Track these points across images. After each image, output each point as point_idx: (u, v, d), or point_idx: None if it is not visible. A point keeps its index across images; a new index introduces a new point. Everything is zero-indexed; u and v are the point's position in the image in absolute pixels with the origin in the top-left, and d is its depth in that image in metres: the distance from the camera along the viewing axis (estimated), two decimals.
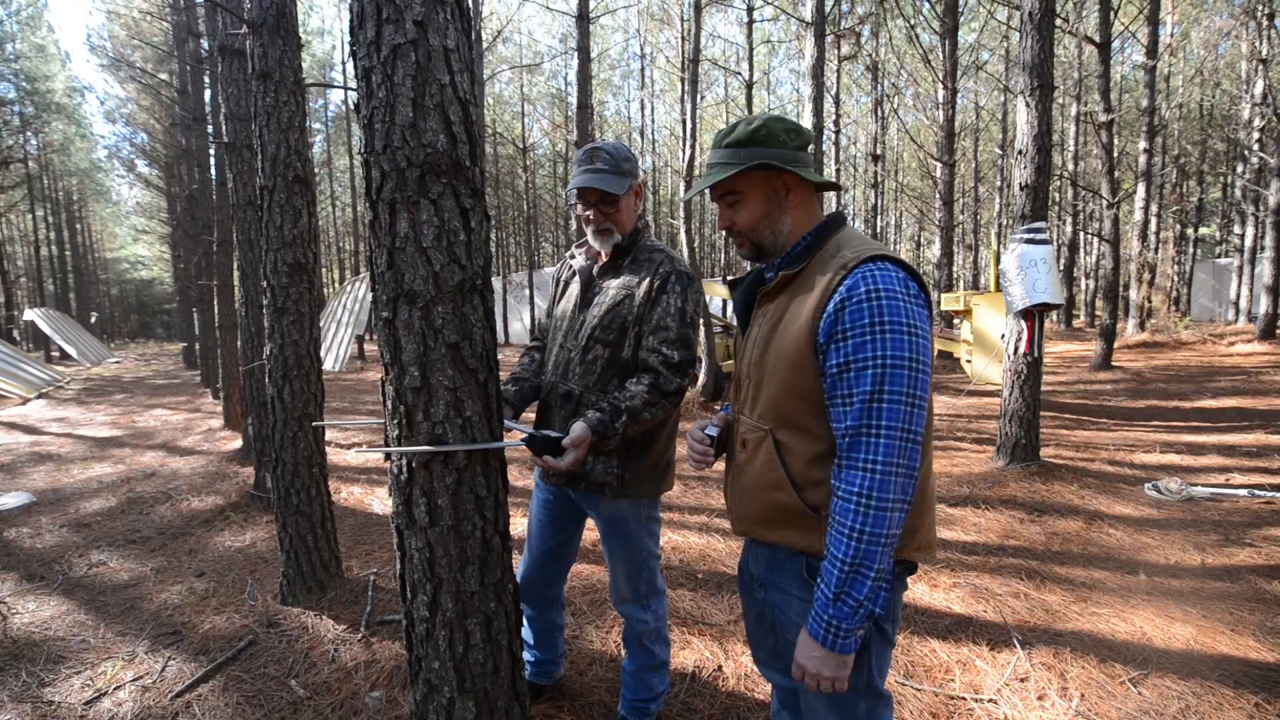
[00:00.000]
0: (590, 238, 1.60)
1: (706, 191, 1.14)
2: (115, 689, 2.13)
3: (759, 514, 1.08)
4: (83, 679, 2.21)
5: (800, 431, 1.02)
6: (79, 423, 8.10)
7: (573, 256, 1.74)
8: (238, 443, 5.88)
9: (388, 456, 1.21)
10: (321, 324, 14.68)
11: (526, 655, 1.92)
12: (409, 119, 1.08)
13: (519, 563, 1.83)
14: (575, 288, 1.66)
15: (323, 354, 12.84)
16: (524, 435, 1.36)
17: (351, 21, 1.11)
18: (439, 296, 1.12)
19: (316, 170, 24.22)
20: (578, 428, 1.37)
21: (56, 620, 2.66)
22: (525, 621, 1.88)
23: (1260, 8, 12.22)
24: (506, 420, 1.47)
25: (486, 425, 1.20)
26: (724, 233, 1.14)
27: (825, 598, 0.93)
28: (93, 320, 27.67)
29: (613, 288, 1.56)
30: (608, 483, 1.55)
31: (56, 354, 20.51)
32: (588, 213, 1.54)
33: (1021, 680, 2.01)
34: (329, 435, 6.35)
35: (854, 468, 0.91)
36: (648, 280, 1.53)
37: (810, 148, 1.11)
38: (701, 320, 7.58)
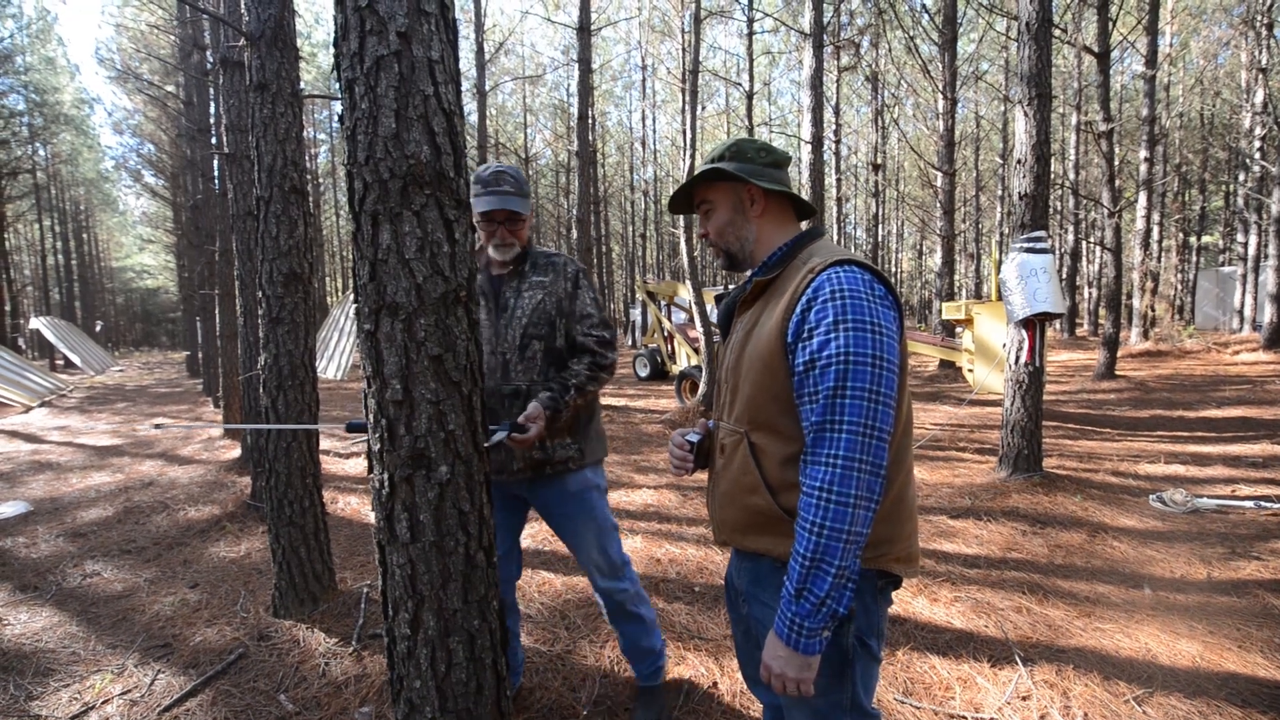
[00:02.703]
0: (492, 251, 1.75)
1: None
2: (103, 702, 2.10)
3: (736, 519, 1.09)
4: (71, 692, 2.18)
5: (774, 433, 1.02)
6: (80, 431, 8.11)
7: None
8: (237, 452, 5.87)
9: (368, 466, 1.19)
10: (324, 333, 14.65)
11: None
12: (392, 130, 1.07)
13: None
14: (482, 299, 1.80)
15: (325, 363, 12.86)
16: (502, 430, 1.50)
17: (335, 33, 1.11)
18: (421, 309, 1.11)
19: (321, 180, 24.43)
20: (532, 406, 1.58)
21: (48, 632, 2.64)
22: None
23: (1259, 17, 12.26)
24: None
25: (470, 438, 1.18)
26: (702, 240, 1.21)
27: (788, 594, 0.93)
28: (98, 328, 27.79)
29: (527, 291, 1.74)
30: (571, 457, 1.73)
31: (61, 362, 20.61)
32: (493, 229, 1.70)
33: (1023, 698, 1.97)
34: (325, 444, 6.34)
35: (817, 463, 0.91)
36: (560, 280, 1.75)
37: (786, 166, 1.16)
38: (704, 330, 7.58)
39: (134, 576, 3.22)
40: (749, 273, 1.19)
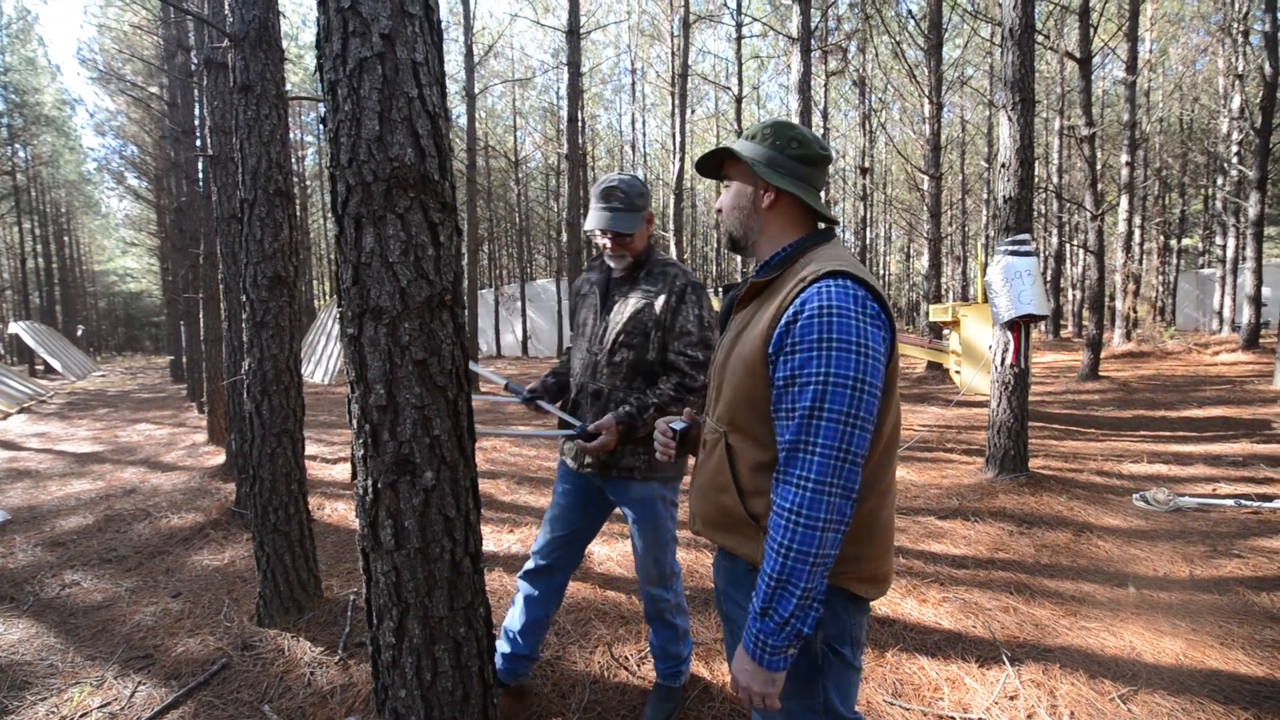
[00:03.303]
0: (608, 259, 1.81)
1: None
2: (81, 716, 2.06)
3: (708, 514, 1.10)
4: (48, 706, 2.13)
5: (749, 438, 1.02)
6: (60, 438, 7.95)
7: (590, 270, 1.95)
8: (221, 458, 5.78)
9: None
10: (310, 337, 14.51)
11: (505, 646, 1.93)
12: (375, 132, 1.06)
13: (533, 542, 1.96)
14: (595, 298, 1.86)
15: (312, 367, 12.73)
16: (576, 428, 1.67)
17: (318, 35, 1.10)
18: (406, 312, 1.10)
19: (308, 183, 24.20)
20: (606, 417, 1.66)
21: (24, 644, 2.58)
22: (522, 604, 1.92)
23: (1236, 25, 12.53)
24: (547, 405, 1.90)
25: (456, 444, 1.17)
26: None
27: (755, 611, 0.93)
28: (79, 333, 27.29)
29: (632, 298, 1.76)
30: (637, 466, 1.75)
31: (40, 367, 20.22)
32: (605, 243, 1.75)
33: (1011, 698, 1.98)
34: (312, 449, 6.26)
35: (788, 483, 0.91)
36: (665, 293, 1.73)
37: (823, 165, 1.07)
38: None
39: (114, 586, 3.15)
40: (749, 266, 1.18)
